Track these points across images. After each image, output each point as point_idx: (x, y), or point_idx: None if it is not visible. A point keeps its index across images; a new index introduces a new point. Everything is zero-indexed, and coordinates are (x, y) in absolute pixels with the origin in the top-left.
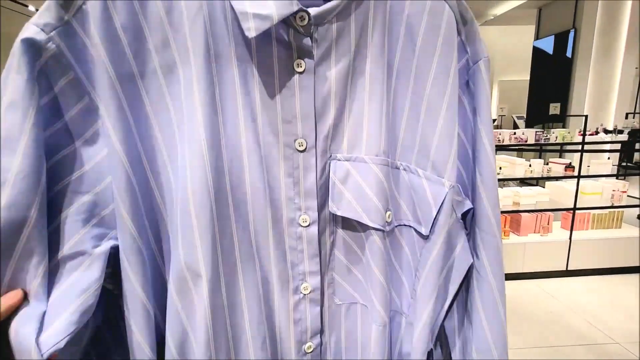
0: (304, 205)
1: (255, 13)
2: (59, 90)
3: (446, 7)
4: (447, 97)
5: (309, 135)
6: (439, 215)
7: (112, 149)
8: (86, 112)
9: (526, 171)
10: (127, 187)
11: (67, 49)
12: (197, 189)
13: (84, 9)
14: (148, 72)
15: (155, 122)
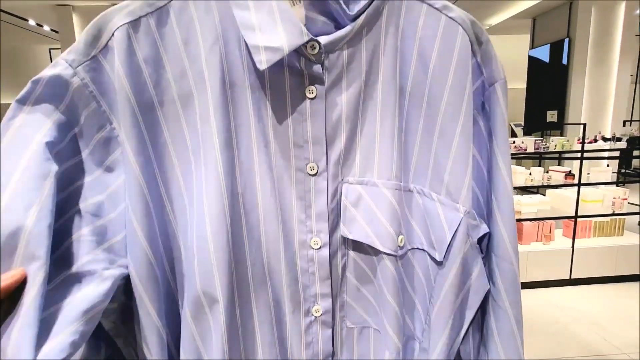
0: (316, 228)
1: (267, 46)
2: (82, 121)
3: (460, 30)
4: (461, 122)
5: (320, 159)
6: (454, 241)
7: (132, 175)
8: (107, 141)
9: (526, 180)
10: (145, 213)
11: (91, 82)
12: (214, 214)
13: (109, 45)
14: (166, 101)
15: (172, 148)
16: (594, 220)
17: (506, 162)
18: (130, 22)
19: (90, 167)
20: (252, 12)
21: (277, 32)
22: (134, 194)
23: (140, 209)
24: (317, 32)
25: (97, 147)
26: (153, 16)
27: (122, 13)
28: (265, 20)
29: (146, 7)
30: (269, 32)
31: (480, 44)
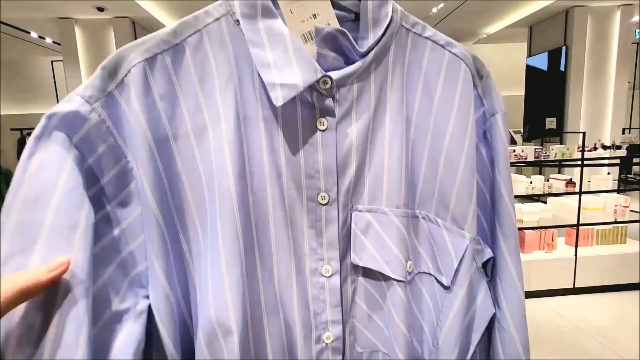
0: (327, 256)
1: (283, 83)
2: (98, 156)
3: (462, 65)
4: (466, 151)
5: (331, 189)
6: (460, 267)
7: (148, 209)
8: (122, 175)
9: (527, 188)
10: (161, 245)
11: (107, 117)
12: (228, 247)
13: (125, 81)
14: (180, 135)
15: (185, 180)
16: (596, 228)
17: (508, 190)
18: (146, 59)
19: (105, 201)
20: (267, 50)
21: (291, 69)
22: (151, 227)
23: (157, 243)
24: (328, 67)
25: (113, 180)
26: (169, 53)
27: (138, 50)
28: (280, 57)
29: (162, 45)
30: (284, 70)
31: (481, 78)
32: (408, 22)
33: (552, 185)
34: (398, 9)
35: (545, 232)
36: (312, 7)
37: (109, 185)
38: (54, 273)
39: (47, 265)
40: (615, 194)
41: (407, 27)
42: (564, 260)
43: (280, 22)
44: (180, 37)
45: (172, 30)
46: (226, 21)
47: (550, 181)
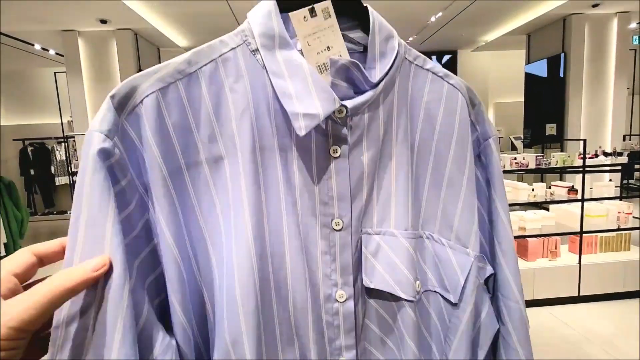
0: (341, 281)
1: (305, 113)
2: (118, 192)
3: (459, 95)
4: (467, 174)
5: (345, 215)
6: (467, 284)
7: (165, 243)
8: (138, 209)
9: (529, 196)
10: (178, 278)
11: (124, 150)
12: (244, 277)
13: (136, 111)
14: (194, 165)
15: (199, 210)
16: (599, 235)
17: (505, 208)
18: (160, 89)
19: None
20: (288, 81)
21: (311, 99)
22: (168, 261)
23: (174, 275)
24: (340, 96)
25: (130, 216)
26: (182, 82)
27: (151, 80)
28: (301, 88)
29: (176, 74)
30: (305, 100)
31: (473, 106)
32: (410, 55)
33: (554, 192)
34: (402, 43)
35: (548, 240)
36: (327, 40)
37: (126, 221)
38: (97, 272)
39: (91, 265)
40: (617, 201)
41: (410, 59)
42: (568, 268)
43: (297, 53)
44: (194, 66)
45: (186, 59)
46: (242, 51)
47: (552, 188)
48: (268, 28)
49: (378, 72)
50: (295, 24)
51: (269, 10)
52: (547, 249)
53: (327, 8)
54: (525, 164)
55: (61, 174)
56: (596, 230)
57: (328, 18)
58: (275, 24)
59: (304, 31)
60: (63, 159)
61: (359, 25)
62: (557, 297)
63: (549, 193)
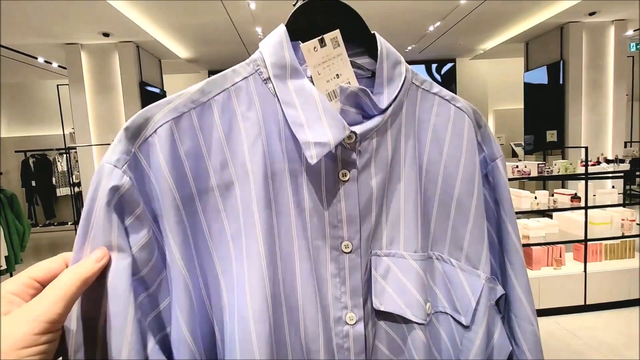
0: (351, 304)
1: (316, 142)
2: (130, 224)
3: (466, 117)
4: (476, 195)
5: (354, 237)
6: (479, 306)
7: (176, 271)
8: (150, 241)
9: (532, 204)
10: (190, 307)
11: (134, 179)
12: (257, 303)
13: (149, 141)
14: (205, 191)
15: (209, 236)
16: (604, 243)
17: (514, 228)
18: (174, 119)
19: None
20: (299, 110)
21: (322, 127)
22: (179, 289)
23: (184, 304)
24: (349, 122)
25: (143, 248)
26: (196, 111)
27: (164, 110)
28: (312, 117)
29: (190, 103)
30: (316, 128)
31: (480, 127)
32: (417, 79)
33: (557, 200)
34: (409, 68)
35: (552, 248)
36: (336, 68)
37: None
38: (101, 263)
39: (93, 257)
40: (621, 208)
41: (417, 84)
42: (573, 276)
43: (308, 81)
44: (208, 96)
45: (200, 88)
46: (254, 80)
47: (555, 196)
48: (279, 58)
49: (386, 97)
50: (305, 54)
51: (280, 40)
52: (551, 258)
53: (336, 37)
54: (528, 172)
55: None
56: (601, 237)
57: (337, 47)
58: (286, 53)
59: (314, 61)
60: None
61: (366, 52)
62: (563, 307)
63: (552, 201)
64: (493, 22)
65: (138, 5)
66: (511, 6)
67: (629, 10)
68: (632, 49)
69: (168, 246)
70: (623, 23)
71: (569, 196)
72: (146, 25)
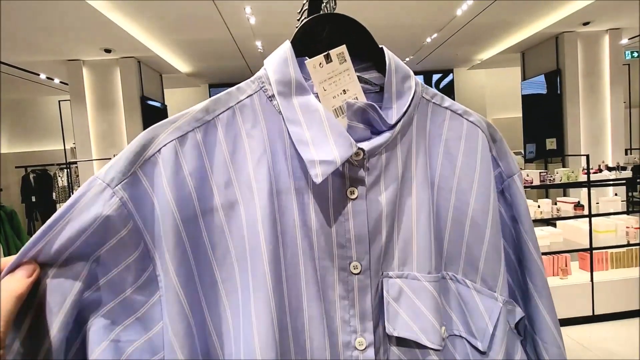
0: (360, 328)
1: (322, 160)
2: (117, 242)
3: (479, 132)
4: (491, 213)
5: (363, 258)
6: (496, 331)
7: (172, 295)
8: (141, 260)
9: (535, 212)
10: (186, 332)
11: (129, 199)
12: (264, 328)
13: (152, 160)
14: (208, 210)
15: (213, 257)
16: (609, 251)
17: (536, 247)
18: (178, 138)
19: (124, 286)
20: (304, 128)
21: (328, 145)
22: (174, 313)
23: (181, 329)
24: (357, 138)
25: (132, 265)
26: (200, 130)
27: (169, 129)
28: (317, 134)
29: (194, 122)
30: (321, 146)
31: (495, 142)
32: (428, 93)
33: (560, 208)
34: (419, 82)
35: (558, 257)
36: (342, 84)
37: (128, 271)
38: (32, 278)
39: (23, 273)
40: (625, 216)
41: (427, 98)
42: (580, 286)
43: (314, 97)
44: (212, 114)
45: (204, 107)
46: (259, 97)
47: (558, 204)
48: (284, 75)
49: (395, 112)
50: (310, 71)
51: (285, 57)
52: (557, 267)
53: (343, 53)
54: (530, 181)
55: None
56: (606, 246)
57: (343, 62)
58: (291, 70)
59: (320, 77)
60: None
61: (373, 66)
62: (572, 317)
63: (555, 209)
64: (489, 33)
65: (139, 22)
66: (506, 17)
67: (622, 19)
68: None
69: (165, 269)
70: (617, 32)
71: (572, 204)
72: (147, 40)
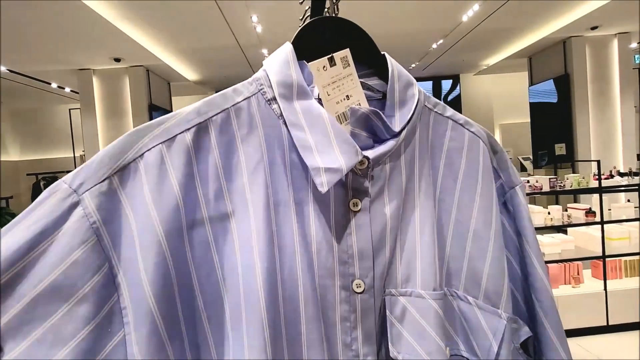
0: (363, 352)
1: (327, 167)
2: (73, 261)
3: (480, 142)
4: (494, 226)
5: (366, 275)
6: (500, 350)
7: (146, 328)
8: (102, 286)
9: (546, 219)
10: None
11: (95, 209)
12: (255, 350)
13: (131, 167)
14: (194, 224)
15: (195, 276)
16: (623, 259)
17: (540, 261)
18: (164, 142)
19: (76, 326)
20: (307, 133)
21: (333, 152)
22: (153, 352)
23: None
24: (360, 146)
25: (88, 296)
26: (190, 132)
27: (156, 131)
28: (322, 140)
29: (184, 124)
30: (326, 153)
31: (495, 153)
32: (430, 102)
33: (571, 215)
34: (421, 90)
35: (569, 265)
36: (346, 89)
37: (83, 304)
38: None
39: None
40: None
41: (429, 106)
42: (593, 295)
43: (316, 102)
44: (204, 116)
45: (196, 108)
46: (257, 100)
47: (569, 211)
48: (286, 77)
49: (398, 120)
50: (314, 73)
51: (286, 59)
52: (569, 275)
53: (346, 57)
54: (539, 187)
55: None
56: (619, 254)
57: (347, 67)
58: (293, 72)
59: (323, 81)
60: None
61: (375, 72)
62: (585, 327)
63: (566, 216)
64: (495, 38)
65: (148, 31)
66: (513, 23)
67: (631, 23)
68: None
69: (135, 299)
70: (626, 36)
71: (583, 211)
72: (155, 49)
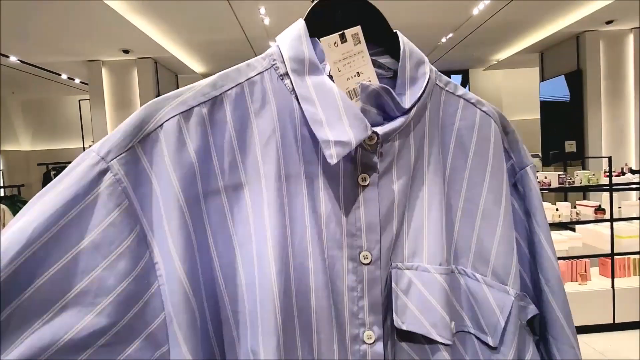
0: (369, 321)
1: (337, 140)
2: (110, 222)
3: (492, 122)
4: (504, 205)
5: (373, 248)
6: (508, 325)
7: (176, 283)
8: (137, 245)
9: (554, 216)
10: (191, 323)
11: (124, 175)
12: (267, 316)
13: (152, 136)
14: (212, 193)
15: (213, 243)
16: (632, 257)
17: (549, 241)
18: (182, 113)
19: (117, 279)
20: (318, 107)
21: (343, 126)
22: (179, 303)
23: (185, 320)
24: (370, 123)
25: (127, 252)
26: (206, 105)
27: (173, 103)
28: (332, 115)
29: (200, 97)
30: (336, 127)
31: (507, 133)
32: (442, 81)
33: (580, 212)
34: (433, 69)
35: (577, 263)
36: (356, 66)
37: (122, 258)
38: None
39: None
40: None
41: (441, 85)
42: (600, 293)
43: (327, 78)
44: (219, 90)
45: (212, 81)
46: (269, 75)
47: (577, 208)
48: (298, 52)
49: (408, 98)
50: (325, 49)
51: (299, 35)
52: (576, 273)
53: (357, 34)
54: (548, 183)
55: None
56: (628, 252)
57: (358, 44)
58: (305, 48)
59: (334, 57)
60: None
61: (387, 51)
62: (591, 325)
63: (575, 213)
64: (506, 32)
65: (157, 23)
66: (524, 17)
67: None
68: None
69: (165, 255)
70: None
71: (593, 208)
72: (163, 41)
